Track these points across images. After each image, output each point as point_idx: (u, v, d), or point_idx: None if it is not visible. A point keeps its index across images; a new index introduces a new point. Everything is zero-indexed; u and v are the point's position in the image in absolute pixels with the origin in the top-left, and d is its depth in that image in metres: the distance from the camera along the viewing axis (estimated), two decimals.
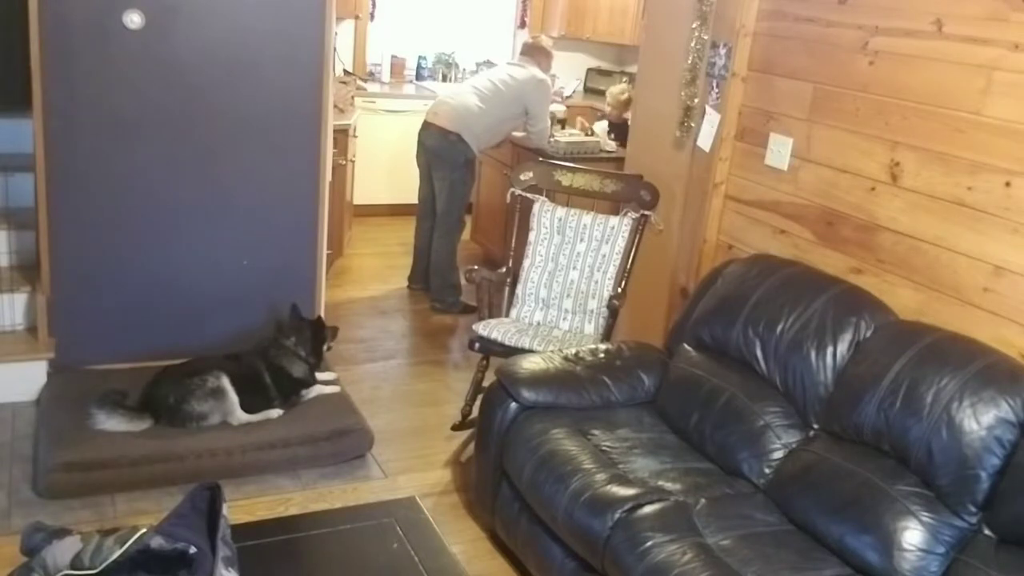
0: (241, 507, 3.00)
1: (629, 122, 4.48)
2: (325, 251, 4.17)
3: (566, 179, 3.90)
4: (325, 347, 3.81)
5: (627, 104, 5.35)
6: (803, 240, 3.21)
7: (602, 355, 3.18)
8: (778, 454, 2.67)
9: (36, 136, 3.48)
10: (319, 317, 3.88)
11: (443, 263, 5.10)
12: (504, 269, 3.93)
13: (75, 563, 1.80)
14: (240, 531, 2.11)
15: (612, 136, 5.41)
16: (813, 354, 2.70)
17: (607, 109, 5.76)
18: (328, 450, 3.40)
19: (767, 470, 2.66)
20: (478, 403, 3.28)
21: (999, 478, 2.23)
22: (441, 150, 4.96)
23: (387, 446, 3.58)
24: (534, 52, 5.18)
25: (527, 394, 2.94)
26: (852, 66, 2.99)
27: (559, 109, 5.79)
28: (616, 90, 5.71)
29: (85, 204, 3.62)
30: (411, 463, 3.51)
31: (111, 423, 3.23)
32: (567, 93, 5.58)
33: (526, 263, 3.85)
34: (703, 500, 2.53)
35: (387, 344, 4.65)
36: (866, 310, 2.70)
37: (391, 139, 6.35)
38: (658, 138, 3.93)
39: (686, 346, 3.13)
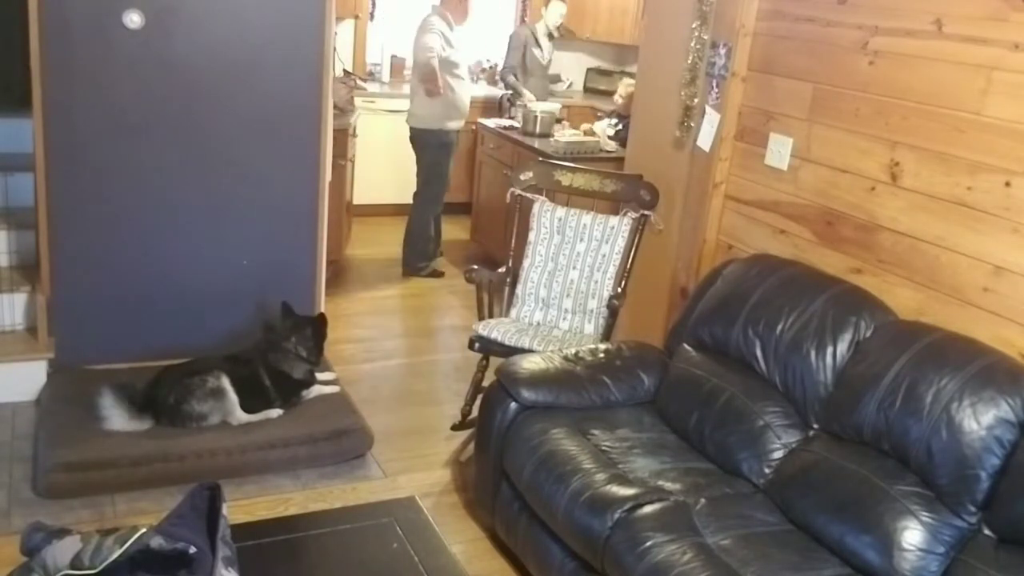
0: (241, 507, 3.00)
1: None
2: (325, 250, 4.17)
3: (566, 179, 3.90)
4: None
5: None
6: (803, 240, 3.21)
7: (602, 355, 3.18)
8: (778, 454, 2.67)
9: (36, 136, 3.48)
10: (321, 314, 3.83)
11: (417, 231, 5.56)
12: (504, 269, 3.93)
13: (75, 563, 1.79)
14: (240, 531, 2.10)
15: (622, 128, 5.41)
16: (813, 354, 2.70)
17: (618, 101, 5.77)
18: (328, 450, 3.40)
19: (767, 470, 2.66)
20: (478, 403, 3.28)
21: (999, 478, 2.23)
22: (414, 144, 5.49)
23: (387, 446, 3.58)
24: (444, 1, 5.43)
25: (527, 394, 2.94)
26: (852, 66, 2.99)
27: (555, 108, 5.79)
28: (628, 81, 5.73)
29: (85, 204, 3.62)
30: (411, 463, 3.51)
31: (114, 416, 3.22)
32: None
33: (526, 263, 3.84)
34: (703, 500, 2.53)
35: (387, 344, 4.65)
36: (866, 310, 2.70)
37: (391, 139, 6.34)
38: (658, 138, 3.93)
39: (686, 346, 3.13)
